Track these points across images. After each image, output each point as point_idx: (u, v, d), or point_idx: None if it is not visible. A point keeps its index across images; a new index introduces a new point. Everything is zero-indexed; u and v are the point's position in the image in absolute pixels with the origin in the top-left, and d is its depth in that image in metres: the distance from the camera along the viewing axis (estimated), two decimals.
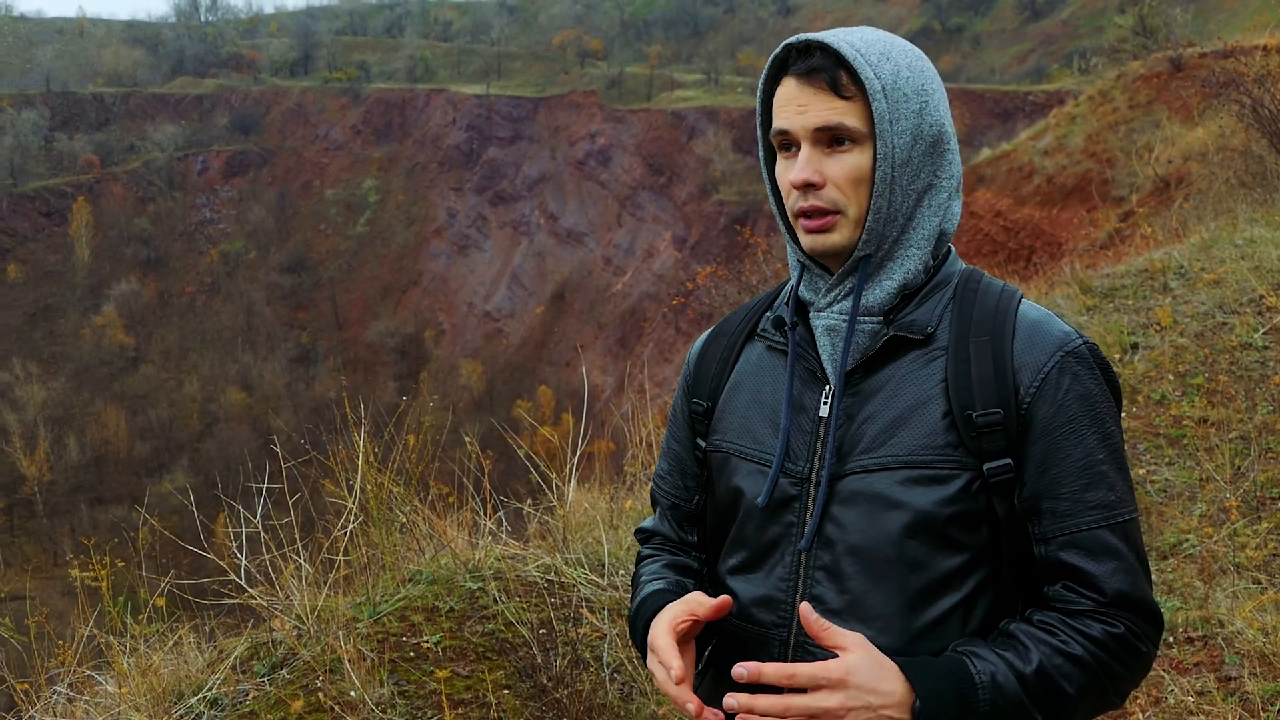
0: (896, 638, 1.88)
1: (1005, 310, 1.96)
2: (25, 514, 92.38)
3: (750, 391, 2.13)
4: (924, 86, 1.94)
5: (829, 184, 1.93)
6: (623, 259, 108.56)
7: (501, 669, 4.47)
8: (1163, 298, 9.62)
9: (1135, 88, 25.57)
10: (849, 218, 1.94)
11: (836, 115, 1.91)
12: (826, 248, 1.97)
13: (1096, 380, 1.92)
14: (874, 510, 1.90)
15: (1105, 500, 1.87)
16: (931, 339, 1.96)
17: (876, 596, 1.90)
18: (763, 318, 2.19)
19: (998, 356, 1.90)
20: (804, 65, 1.93)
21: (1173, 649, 5.01)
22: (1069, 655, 1.82)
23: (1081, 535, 1.86)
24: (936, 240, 2.01)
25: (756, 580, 2.04)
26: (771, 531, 2.02)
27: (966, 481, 1.88)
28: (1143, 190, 20.66)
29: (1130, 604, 1.86)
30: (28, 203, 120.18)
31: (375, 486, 5.05)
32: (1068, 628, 1.84)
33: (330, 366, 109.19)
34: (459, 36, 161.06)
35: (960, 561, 1.90)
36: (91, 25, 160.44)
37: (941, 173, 1.99)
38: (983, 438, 1.87)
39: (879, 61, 1.91)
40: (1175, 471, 6.87)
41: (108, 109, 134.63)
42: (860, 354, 1.98)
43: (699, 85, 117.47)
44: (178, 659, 4.35)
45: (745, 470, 2.07)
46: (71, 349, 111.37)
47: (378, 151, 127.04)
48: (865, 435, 1.94)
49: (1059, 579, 1.88)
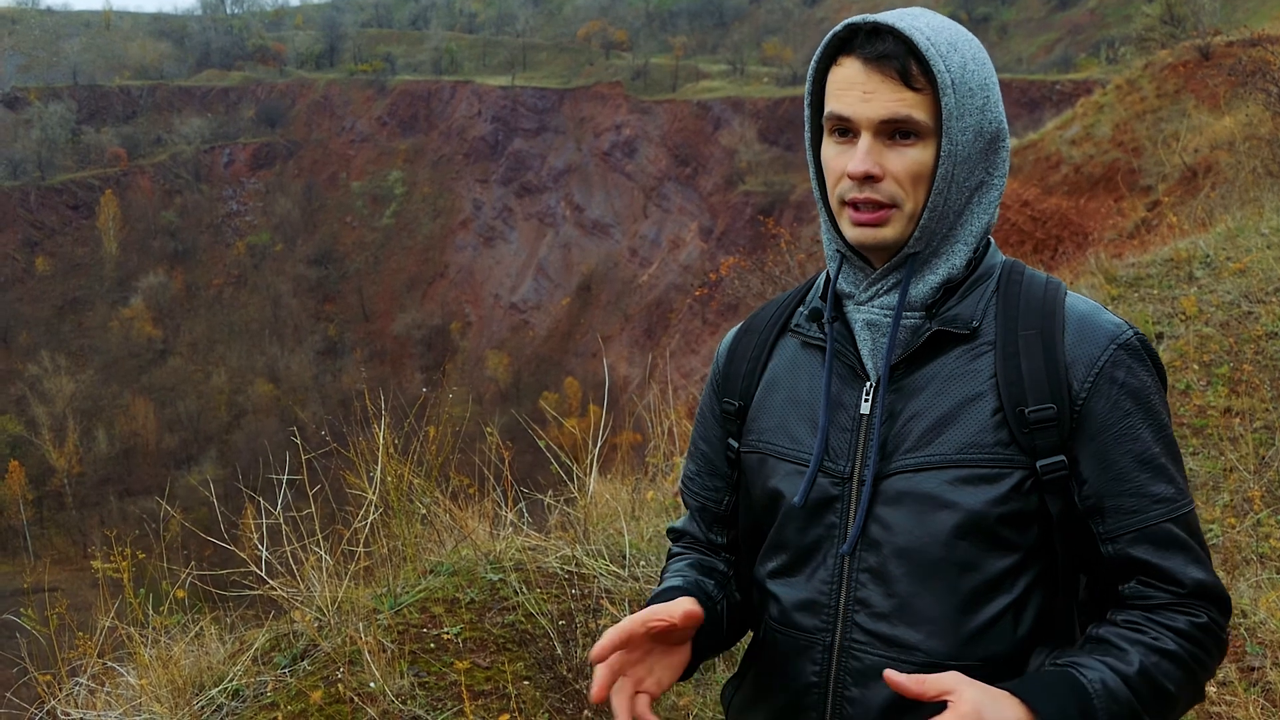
0: (947, 641, 1.84)
1: (1053, 303, 1.91)
2: (55, 506, 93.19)
3: (786, 389, 2.06)
4: (986, 80, 1.88)
5: (888, 177, 1.85)
6: (649, 250, 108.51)
7: (521, 660, 4.48)
8: (1188, 287, 9.56)
9: (1163, 77, 25.40)
10: (904, 213, 1.87)
11: (905, 107, 1.82)
12: (877, 242, 1.89)
13: (1149, 371, 1.87)
14: (922, 511, 1.86)
15: (1167, 494, 1.83)
16: (977, 333, 1.90)
17: (926, 599, 1.85)
18: (795, 312, 2.13)
19: (1049, 350, 1.85)
20: (873, 50, 1.84)
21: None
22: (1165, 652, 1.77)
23: (1151, 530, 1.81)
24: (981, 235, 1.96)
25: (798, 584, 1.98)
26: (812, 533, 1.96)
27: (1019, 480, 1.83)
28: (1170, 180, 20.54)
29: (1207, 592, 1.82)
30: (55, 196, 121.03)
31: (396, 478, 5.06)
32: (1155, 624, 1.80)
33: (357, 359, 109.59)
34: (484, 28, 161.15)
35: (1012, 562, 1.85)
36: (118, 18, 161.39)
37: (995, 170, 1.94)
38: (1036, 434, 1.82)
39: (949, 52, 1.83)
40: (1199, 461, 6.83)
41: (134, 102, 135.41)
42: (902, 349, 1.92)
43: (724, 76, 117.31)
44: (199, 650, 4.38)
45: (783, 471, 2.01)
46: (100, 341, 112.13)
47: (403, 143, 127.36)
48: (911, 433, 1.89)
49: (1132, 575, 1.84)
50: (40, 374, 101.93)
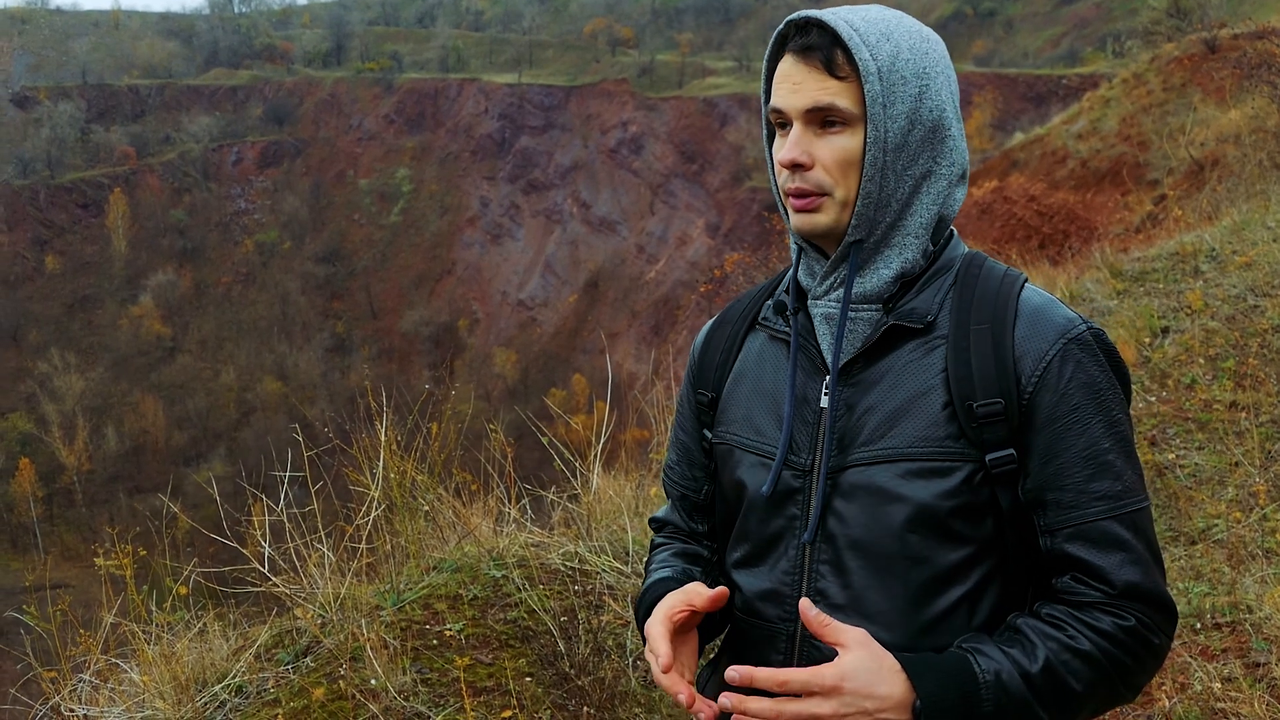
0: (901, 633, 1.84)
1: (1006, 296, 1.90)
2: (65, 503, 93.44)
3: (752, 381, 2.08)
4: (925, 70, 1.88)
5: (817, 165, 1.88)
6: (656, 247, 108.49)
7: (524, 657, 4.48)
8: (1193, 281, 9.54)
9: (1169, 70, 25.35)
10: (835, 199, 1.89)
11: (828, 95, 1.85)
12: (813, 228, 1.92)
13: (1101, 367, 1.86)
14: (875, 503, 1.86)
15: (1112, 490, 1.82)
16: (932, 327, 1.91)
17: (879, 591, 1.86)
18: (764, 305, 2.15)
19: (998, 344, 1.85)
20: (800, 43, 1.88)
21: (1200, 635, 4.97)
22: (1077, 651, 1.77)
23: (1087, 527, 1.81)
24: (935, 227, 1.96)
25: (760, 574, 2.00)
26: (774, 524, 1.98)
27: (969, 473, 1.83)
28: (1177, 173, 20.49)
29: (1140, 595, 1.81)
30: (65, 194, 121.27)
31: (399, 475, 5.07)
32: (1076, 621, 1.79)
33: (365, 356, 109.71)
34: (490, 26, 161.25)
35: (964, 555, 1.85)
36: (127, 17, 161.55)
37: (942, 160, 1.93)
38: (984, 428, 1.82)
39: (878, 42, 1.85)
40: (1204, 456, 6.81)
41: (143, 101, 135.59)
42: (861, 343, 1.93)
43: (731, 72, 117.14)
44: (203, 647, 4.39)
45: (748, 462, 2.03)
46: (109, 339, 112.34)
47: (411, 141, 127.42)
48: (865, 427, 1.89)
49: (1066, 571, 1.84)
50: (50, 372, 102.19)
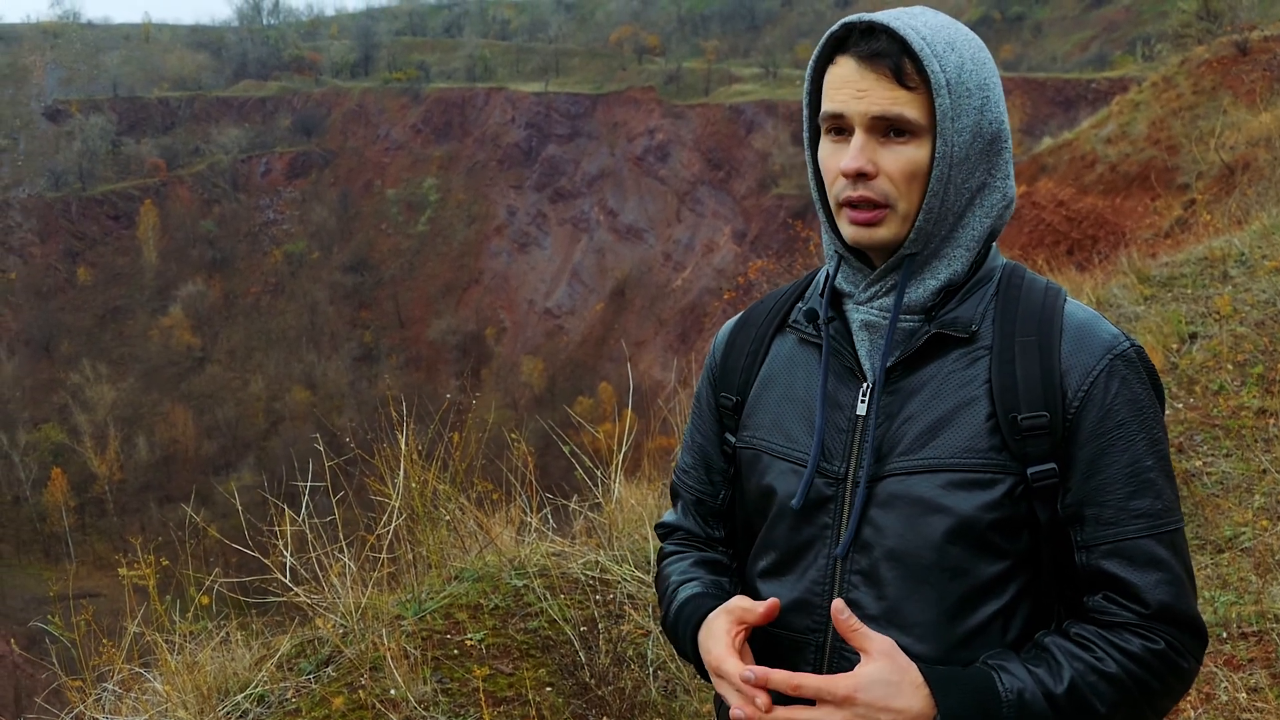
0: (936, 646, 1.82)
1: (1051, 310, 1.89)
2: (97, 512, 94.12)
3: (782, 386, 2.05)
4: (986, 81, 1.86)
5: (882, 175, 1.84)
6: (682, 254, 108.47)
7: (544, 666, 4.47)
8: (1222, 286, 9.46)
9: (1199, 73, 25.18)
10: (898, 213, 1.86)
11: (898, 106, 1.81)
12: (872, 242, 1.88)
13: (1144, 385, 1.85)
14: (914, 514, 1.84)
15: (1152, 509, 1.80)
16: (975, 337, 1.88)
17: (915, 603, 1.84)
18: (794, 308, 2.12)
19: (1045, 358, 1.83)
20: (867, 48, 1.84)
21: (1226, 645, 4.92)
22: (1104, 674, 1.75)
23: (1126, 544, 1.79)
24: (985, 241, 1.94)
25: (789, 583, 1.97)
26: (805, 533, 1.95)
27: (1010, 486, 1.81)
28: (1207, 177, 20.35)
29: (1173, 617, 1.79)
30: (96, 206, 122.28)
31: (420, 484, 5.07)
32: (1105, 643, 1.77)
33: (392, 365, 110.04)
34: (517, 35, 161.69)
35: (1002, 568, 1.83)
36: (157, 30, 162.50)
37: (997, 172, 1.92)
38: (1027, 441, 1.80)
39: (945, 52, 1.82)
40: (1232, 463, 6.73)
41: (173, 113, 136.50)
42: (900, 351, 1.90)
43: (757, 79, 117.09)
44: (225, 656, 4.40)
45: (778, 469, 1.99)
46: (140, 350, 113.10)
47: (438, 150, 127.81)
48: (905, 436, 1.87)
49: (1099, 589, 1.81)
50: (82, 382, 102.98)
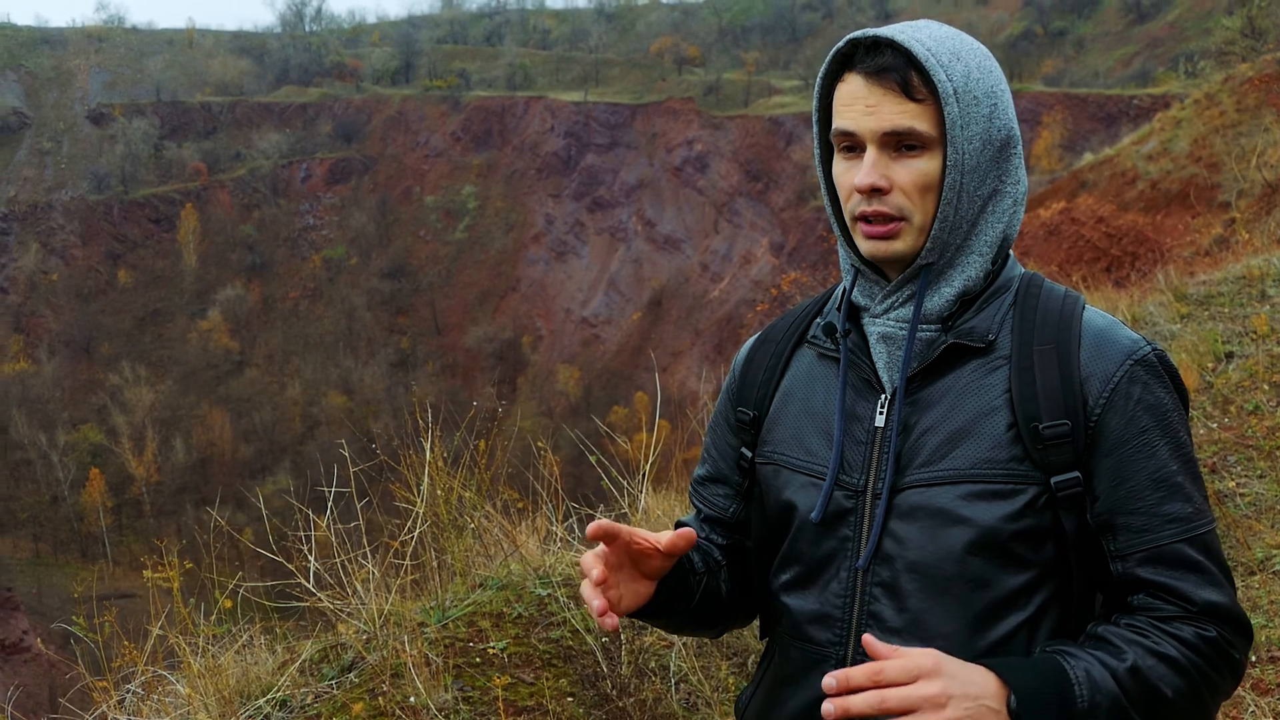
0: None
1: (1069, 317, 1.88)
2: (133, 514, 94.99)
3: (801, 401, 2.05)
4: (993, 88, 1.87)
5: (895, 189, 1.85)
6: (720, 265, 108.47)
7: (566, 676, 4.46)
8: (1260, 305, 9.36)
9: (1243, 90, 25.00)
10: (913, 225, 1.86)
11: (907, 119, 1.83)
12: (888, 255, 1.89)
13: (1166, 389, 1.84)
14: (935, 526, 1.83)
15: (1183, 513, 1.79)
16: (993, 347, 1.88)
17: (938, 615, 1.83)
18: (812, 324, 2.12)
19: (1064, 366, 1.82)
20: (873, 64, 1.85)
21: (1255, 668, 4.86)
22: (1163, 656, 1.73)
23: (1161, 550, 1.78)
24: (999, 246, 1.94)
25: (810, 596, 1.96)
26: (826, 546, 1.95)
27: (1033, 496, 1.80)
28: (1249, 195, 20.17)
29: (1220, 613, 1.78)
30: (138, 210, 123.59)
31: (445, 491, 5.07)
32: (1159, 630, 1.76)
33: (429, 371, 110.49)
34: (557, 44, 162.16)
35: (1026, 579, 1.82)
36: (200, 36, 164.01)
37: (1008, 178, 1.92)
38: (1050, 450, 1.79)
39: (950, 62, 1.83)
40: (1266, 485, 6.65)
41: (215, 118, 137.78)
42: (917, 362, 1.90)
43: (797, 91, 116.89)
44: (248, 660, 4.41)
45: (797, 483, 1.99)
46: (179, 353, 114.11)
47: (477, 158, 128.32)
48: (925, 447, 1.86)
49: (1141, 592, 1.81)
50: (121, 384, 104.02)
